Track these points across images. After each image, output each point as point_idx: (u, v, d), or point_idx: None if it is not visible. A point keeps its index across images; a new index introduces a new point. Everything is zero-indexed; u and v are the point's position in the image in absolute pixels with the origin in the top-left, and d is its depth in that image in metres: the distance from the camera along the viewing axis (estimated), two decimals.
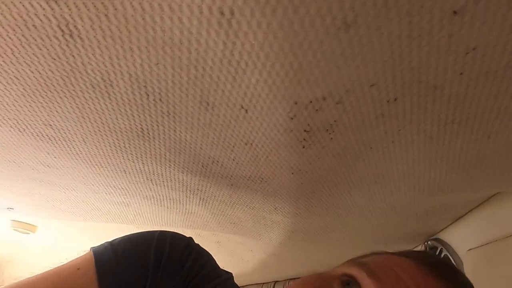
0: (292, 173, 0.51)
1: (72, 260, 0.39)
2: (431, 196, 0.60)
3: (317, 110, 0.35)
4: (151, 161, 0.53)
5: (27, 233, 1.58)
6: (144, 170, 0.58)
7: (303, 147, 0.43)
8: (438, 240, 0.92)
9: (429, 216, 0.77)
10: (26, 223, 1.53)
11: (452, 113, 0.36)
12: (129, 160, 0.54)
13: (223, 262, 1.29)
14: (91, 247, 0.40)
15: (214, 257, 0.47)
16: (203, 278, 0.42)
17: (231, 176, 0.55)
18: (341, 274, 0.36)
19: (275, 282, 1.58)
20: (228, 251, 1.15)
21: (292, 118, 0.36)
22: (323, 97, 0.33)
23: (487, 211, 0.70)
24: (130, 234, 0.42)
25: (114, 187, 0.69)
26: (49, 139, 0.49)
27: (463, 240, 0.81)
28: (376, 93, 0.33)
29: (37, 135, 0.48)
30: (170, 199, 0.73)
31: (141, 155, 0.51)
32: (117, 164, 0.56)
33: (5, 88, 0.37)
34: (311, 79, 0.30)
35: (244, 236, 0.97)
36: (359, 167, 0.49)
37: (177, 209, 0.80)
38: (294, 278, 1.51)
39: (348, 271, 0.35)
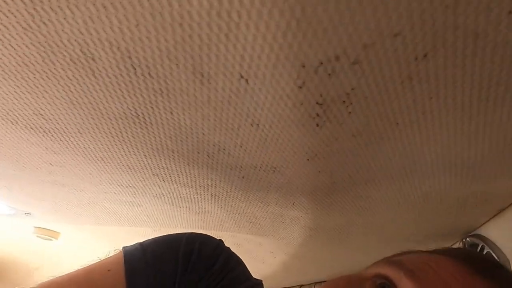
0: (308, 159, 0.45)
1: (103, 259, 0.39)
2: (469, 183, 0.52)
3: (329, 74, 0.29)
4: (153, 152, 0.49)
5: (50, 240, 1.59)
6: (148, 164, 0.54)
7: (317, 125, 0.37)
8: (479, 236, 0.83)
9: (468, 208, 0.69)
10: (49, 229, 1.54)
11: (497, 73, 0.30)
12: (130, 152, 0.50)
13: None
14: (123, 247, 0.40)
15: None
16: (232, 280, 0.41)
17: (241, 167, 0.50)
18: (374, 275, 0.32)
19: (301, 286, 1.51)
20: (249, 253, 1.10)
21: (300, 87, 0.31)
22: (336, 56, 0.27)
23: None
24: (160, 236, 0.42)
25: (121, 185, 0.66)
26: (44, 132, 0.46)
27: (507, 236, 0.72)
28: (401, 47, 0.27)
29: (31, 128, 0.45)
30: (180, 197, 0.69)
31: (141, 145, 0.47)
32: (119, 158, 0.52)
33: None
34: (319, 31, 0.25)
35: (263, 236, 0.92)
36: (384, 149, 0.42)
37: (189, 208, 0.75)
38: (320, 282, 1.43)
39: (383, 272, 0.32)
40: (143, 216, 0.84)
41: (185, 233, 0.42)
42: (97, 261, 0.39)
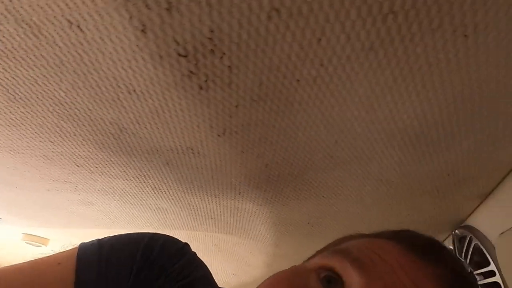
0: (218, 135, 0.39)
1: (57, 253, 0.37)
2: (429, 158, 0.44)
3: (167, 9, 0.23)
4: (57, 138, 0.44)
5: (39, 246, 1.58)
6: (66, 152, 0.49)
7: (201, 88, 0.31)
8: (467, 227, 0.74)
9: (447, 194, 0.60)
10: (37, 236, 1.53)
11: None
12: (36, 140, 0.45)
13: (231, 269, 1.17)
14: (81, 242, 0.38)
15: (218, 263, 0.43)
16: (193, 282, 0.39)
17: (157, 150, 0.45)
18: (318, 267, 0.30)
19: None
20: (229, 254, 1.03)
21: (144, 32, 0.25)
22: None
23: None
24: (123, 234, 0.40)
25: (57, 180, 0.61)
26: None
27: (493, 223, 0.63)
28: None
29: None
30: (123, 192, 0.63)
31: (39, 130, 0.42)
32: (32, 147, 0.48)
33: None
34: None
35: (234, 235, 0.85)
36: (301, 117, 0.36)
37: (141, 205, 0.70)
38: None
39: (327, 263, 0.30)
40: (102, 215, 0.80)
41: (149, 233, 0.41)
42: (50, 254, 0.37)
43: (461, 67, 0.28)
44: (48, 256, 0.37)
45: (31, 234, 1.50)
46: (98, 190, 0.64)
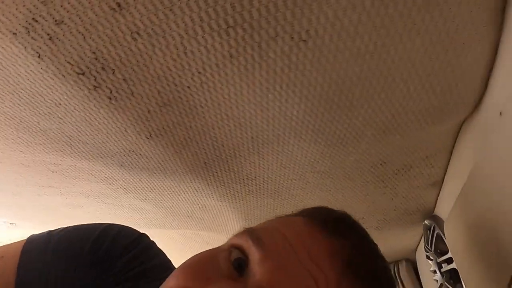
0: (147, 138, 0.45)
1: (4, 245, 0.37)
2: (345, 148, 0.48)
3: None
4: (24, 148, 0.52)
5: None
6: (37, 160, 0.56)
7: (110, 99, 0.37)
8: (433, 217, 0.75)
9: (392, 184, 0.63)
10: None
11: None
12: (8, 150, 0.53)
13: None
14: (31, 234, 0.38)
15: None
16: (148, 270, 0.40)
17: (107, 154, 0.51)
18: (229, 246, 0.32)
19: None
20: None
21: (40, 57, 0.31)
22: None
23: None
24: (77, 224, 0.40)
25: (48, 186, 0.70)
26: None
27: (447, 211, 0.64)
28: None
29: None
30: (101, 193, 0.71)
31: (7, 141, 0.50)
32: (14, 157, 0.56)
33: None
34: None
35: (216, 231, 0.91)
36: (208, 117, 0.41)
37: (121, 205, 0.77)
38: None
39: (236, 241, 0.32)
40: (91, 217, 0.88)
41: (102, 224, 0.41)
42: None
43: (315, 66, 0.32)
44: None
45: None
46: (80, 193, 0.72)
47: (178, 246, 1.09)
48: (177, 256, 0.64)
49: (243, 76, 0.34)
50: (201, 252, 0.34)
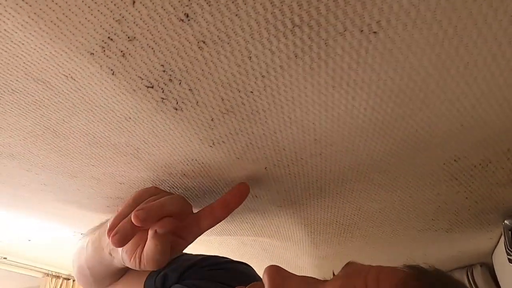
0: (210, 146, 0.45)
1: None
2: (417, 146, 0.44)
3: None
4: (97, 161, 0.55)
5: None
6: (109, 172, 0.60)
7: (176, 109, 0.38)
8: None
9: (467, 181, 0.58)
10: None
11: None
12: (84, 163, 0.57)
13: None
14: None
15: None
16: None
17: (171, 164, 0.53)
18: None
19: None
20: (278, 258, 1.08)
21: (114, 74, 0.33)
22: None
23: None
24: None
25: (116, 197, 0.74)
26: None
27: None
28: None
29: None
30: None
31: (84, 155, 0.53)
32: (88, 171, 0.60)
33: None
34: None
35: (275, 238, 0.90)
36: (270, 122, 0.40)
37: None
38: None
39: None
40: None
41: None
42: None
43: (386, 59, 0.30)
44: None
45: None
46: None
47: (236, 253, 1.09)
48: None
49: (308, 76, 0.33)
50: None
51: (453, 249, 0.94)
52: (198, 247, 0.70)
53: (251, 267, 0.67)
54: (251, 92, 0.36)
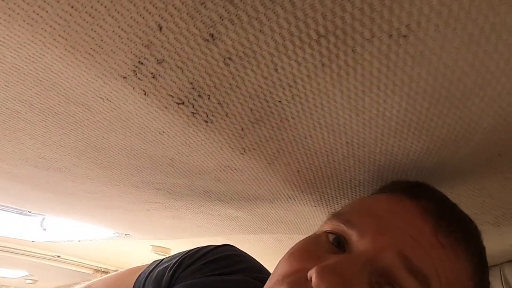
0: (242, 153, 0.46)
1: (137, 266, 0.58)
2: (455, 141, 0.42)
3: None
4: (135, 171, 0.57)
5: (164, 255, 1.88)
6: (146, 181, 0.62)
7: (207, 122, 0.39)
8: None
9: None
10: (162, 246, 1.81)
11: None
12: (125, 174, 0.59)
13: None
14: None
15: None
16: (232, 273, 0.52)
17: (205, 171, 0.54)
18: (323, 232, 0.36)
19: None
20: None
21: (146, 94, 0.34)
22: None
23: None
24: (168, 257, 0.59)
25: (155, 202, 0.77)
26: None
27: None
28: None
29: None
30: (199, 205, 0.75)
31: (124, 170, 0.56)
32: (127, 180, 0.63)
33: None
34: None
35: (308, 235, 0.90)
36: (300, 128, 0.40)
37: (218, 215, 0.81)
38: None
39: (328, 228, 0.36)
40: (192, 226, 0.94)
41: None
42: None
43: (418, 61, 0.29)
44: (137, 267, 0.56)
45: (158, 246, 1.79)
46: (182, 206, 0.78)
47: (272, 250, 1.11)
48: (271, 259, 0.65)
49: (336, 83, 0.32)
50: (299, 242, 0.38)
51: (504, 243, 0.89)
52: (236, 245, 0.71)
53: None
54: (279, 101, 0.36)
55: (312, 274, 0.28)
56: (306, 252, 0.34)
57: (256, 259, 0.62)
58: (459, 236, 0.33)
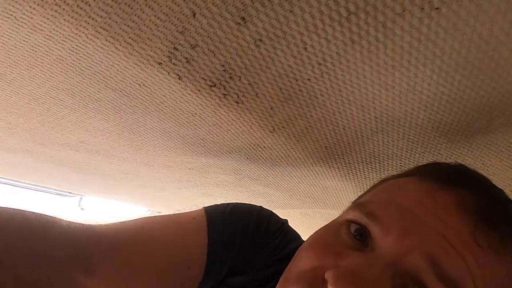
0: (271, 131, 0.47)
1: (186, 212, 0.42)
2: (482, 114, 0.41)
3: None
4: (168, 152, 0.60)
5: None
6: (178, 161, 0.65)
7: (238, 103, 0.40)
8: None
9: None
10: None
11: None
12: (159, 155, 0.62)
13: None
14: (203, 206, 0.43)
15: None
16: (289, 253, 0.41)
17: (235, 150, 0.56)
18: (345, 221, 0.32)
19: None
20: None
21: (180, 78, 0.36)
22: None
23: None
24: (238, 203, 0.45)
25: (187, 180, 0.80)
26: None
27: None
28: None
29: None
30: (229, 183, 0.78)
31: (157, 150, 0.59)
32: (161, 160, 0.66)
33: None
34: None
35: (339, 209, 0.91)
36: (329, 105, 0.40)
37: (246, 191, 0.84)
38: None
39: (351, 217, 0.31)
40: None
41: (258, 207, 0.46)
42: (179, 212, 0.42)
43: (451, 34, 0.29)
44: (181, 213, 0.41)
45: None
46: (212, 184, 0.81)
47: (299, 224, 1.13)
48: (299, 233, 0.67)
49: (366, 59, 0.33)
50: (319, 230, 0.34)
51: None
52: None
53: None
54: (308, 79, 0.36)
55: (329, 278, 0.26)
56: (325, 245, 0.31)
57: None
58: (503, 236, 0.27)
